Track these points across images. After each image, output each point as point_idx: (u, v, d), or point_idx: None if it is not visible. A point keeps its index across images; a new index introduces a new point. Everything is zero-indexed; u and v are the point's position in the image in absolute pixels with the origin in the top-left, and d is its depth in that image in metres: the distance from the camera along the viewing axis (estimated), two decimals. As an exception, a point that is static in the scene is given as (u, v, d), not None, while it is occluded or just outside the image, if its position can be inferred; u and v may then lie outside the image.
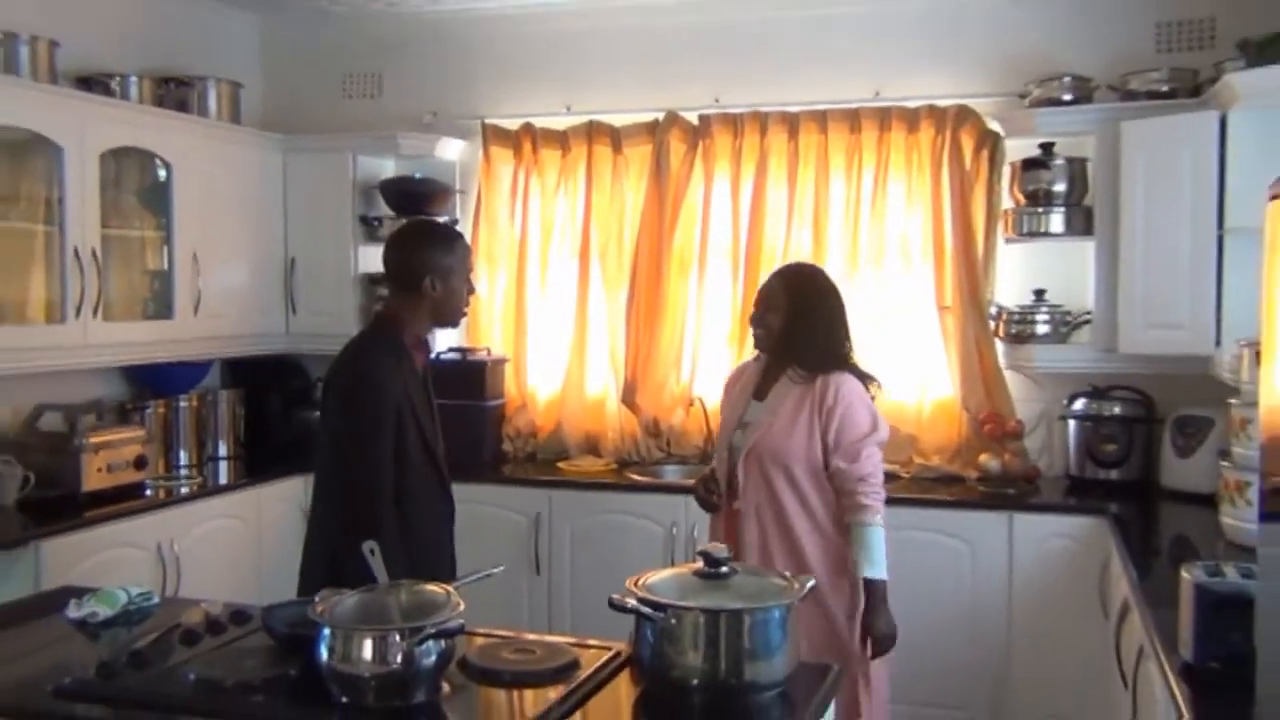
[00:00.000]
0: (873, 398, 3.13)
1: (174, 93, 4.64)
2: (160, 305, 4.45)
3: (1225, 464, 3.29)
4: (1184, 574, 2.18)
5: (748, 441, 3.09)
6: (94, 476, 3.89)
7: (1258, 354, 2.27)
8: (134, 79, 4.41)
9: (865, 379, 3.13)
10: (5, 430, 4.02)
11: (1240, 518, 3.13)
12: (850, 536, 3.02)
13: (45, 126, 3.82)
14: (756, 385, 3.19)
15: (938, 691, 4.04)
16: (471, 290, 2.92)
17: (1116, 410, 4.26)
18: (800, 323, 3.09)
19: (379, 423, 2.70)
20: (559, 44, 5.03)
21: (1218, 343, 3.69)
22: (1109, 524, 3.75)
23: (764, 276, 4.53)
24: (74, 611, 2.49)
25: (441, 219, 4.93)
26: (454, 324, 2.98)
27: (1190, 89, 4.06)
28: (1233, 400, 3.29)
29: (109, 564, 3.67)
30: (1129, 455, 4.23)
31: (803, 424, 3.02)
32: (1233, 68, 3.68)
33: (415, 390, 2.81)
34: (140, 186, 4.44)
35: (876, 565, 2.98)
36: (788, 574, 2.25)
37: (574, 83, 5.01)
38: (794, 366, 3.09)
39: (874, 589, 2.99)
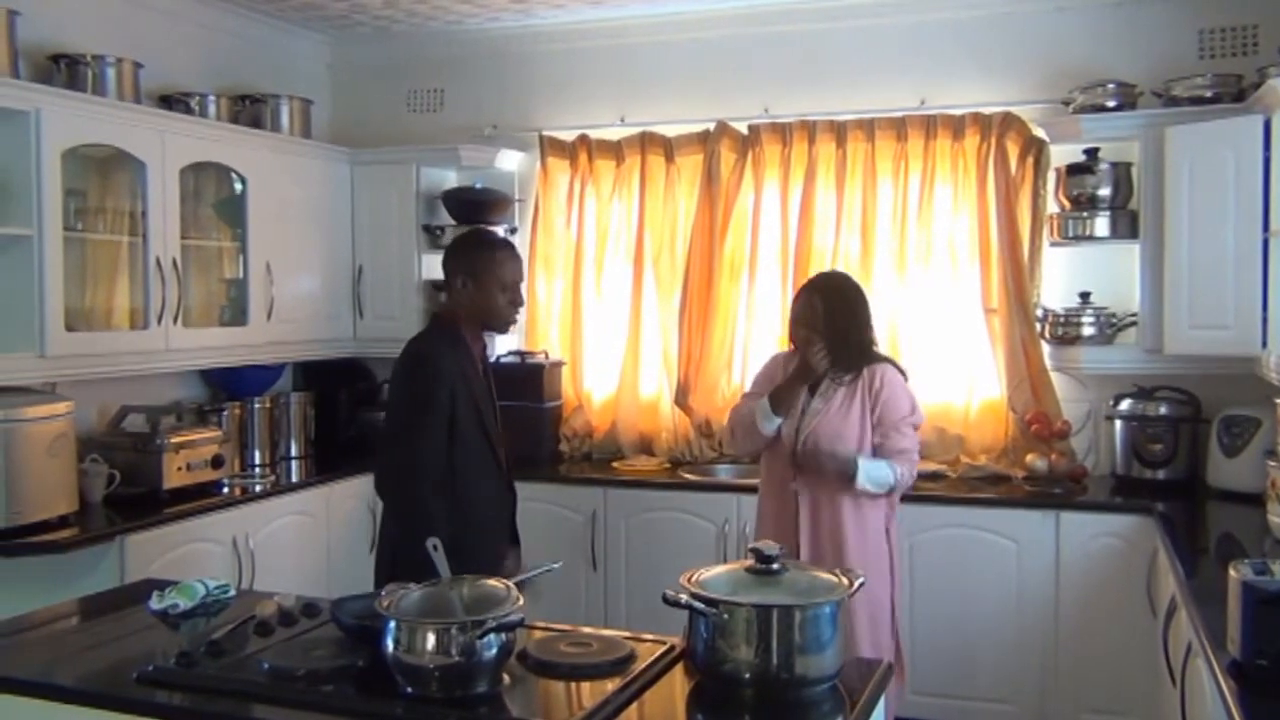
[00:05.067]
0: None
1: (249, 110, 4.80)
2: (236, 312, 4.58)
3: (1272, 463, 3.27)
4: (1231, 572, 2.18)
5: (806, 428, 3.30)
6: (174, 475, 3.99)
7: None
8: (211, 97, 4.57)
9: (900, 369, 3.44)
10: (92, 431, 4.13)
11: (1288, 516, 3.13)
12: None
13: (129, 143, 3.97)
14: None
15: (985, 686, 4.09)
16: (512, 303, 2.98)
17: (1163, 410, 4.23)
18: (840, 334, 3.32)
19: (431, 399, 2.78)
20: (613, 58, 5.12)
21: (1264, 343, 3.64)
22: (1156, 523, 3.74)
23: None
24: (156, 603, 2.58)
25: (500, 227, 5.06)
26: (495, 329, 3.04)
27: (1234, 94, 4.04)
28: (1279, 400, 3.29)
29: (188, 558, 3.79)
30: (1175, 455, 4.21)
31: (856, 410, 3.32)
32: (1276, 73, 3.63)
33: (473, 376, 2.90)
34: (217, 199, 4.58)
35: (870, 472, 3.21)
36: (838, 571, 2.28)
37: (628, 95, 5.10)
38: (837, 371, 3.32)
39: (846, 464, 3.20)
